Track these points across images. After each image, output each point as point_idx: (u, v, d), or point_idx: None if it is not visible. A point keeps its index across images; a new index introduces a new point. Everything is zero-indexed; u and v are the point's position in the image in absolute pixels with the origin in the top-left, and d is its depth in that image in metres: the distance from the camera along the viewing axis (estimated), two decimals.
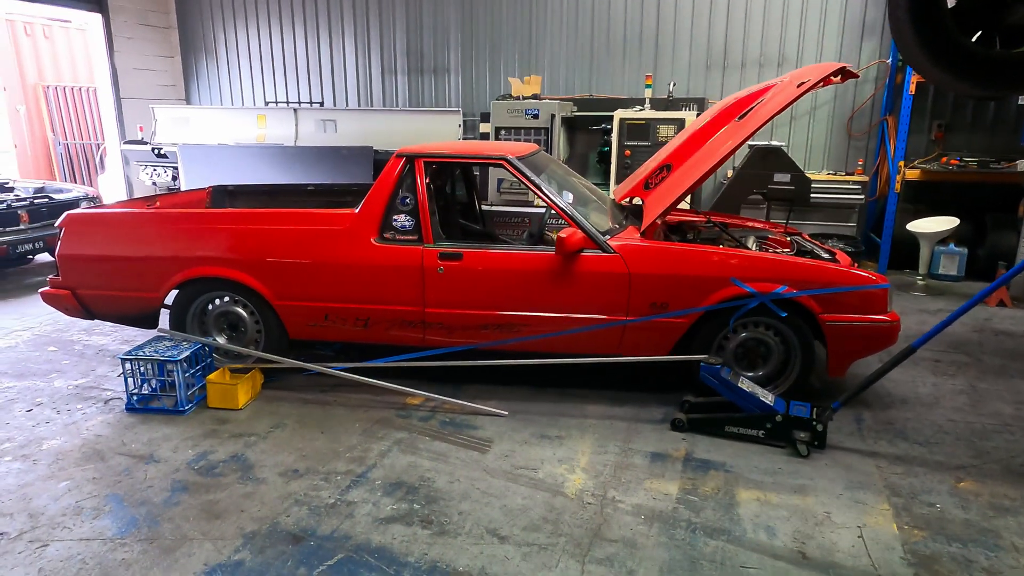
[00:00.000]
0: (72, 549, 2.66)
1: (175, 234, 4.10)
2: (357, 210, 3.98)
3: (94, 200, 7.65)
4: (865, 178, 7.41)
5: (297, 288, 4.03)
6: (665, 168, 4.40)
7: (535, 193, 3.90)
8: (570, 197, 4.03)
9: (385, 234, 3.96)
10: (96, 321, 5.42)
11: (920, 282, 6.55)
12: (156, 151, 8.75)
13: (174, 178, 8.89)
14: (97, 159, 11.16)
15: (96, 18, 9.40)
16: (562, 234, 3.66)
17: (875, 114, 7.70)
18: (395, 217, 3.96)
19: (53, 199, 7.30)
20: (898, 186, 6.85)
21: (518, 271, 3.84)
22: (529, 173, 3.91)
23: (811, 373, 3.86)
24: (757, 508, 2.93)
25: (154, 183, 9.17)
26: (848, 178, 7.38)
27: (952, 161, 7.01)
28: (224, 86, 10.45)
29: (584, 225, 3.79)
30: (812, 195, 6.34)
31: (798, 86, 3.68)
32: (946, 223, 6.36)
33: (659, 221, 3.83)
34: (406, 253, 3.91)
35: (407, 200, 3.96)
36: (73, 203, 7.41)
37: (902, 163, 6.81)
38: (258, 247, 4.01)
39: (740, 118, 4.01)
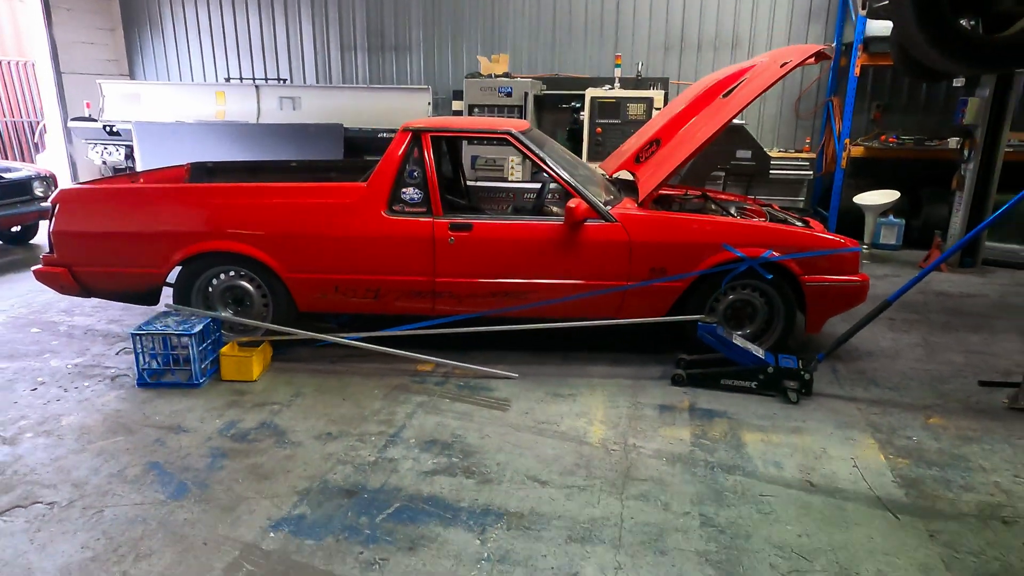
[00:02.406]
0: (130, 512, 2.72)
1: (181, 209, 4.08)
2: (365, 183, 4.08)
3: (47, 179, 7.33)
4: (812, 155, 7.93)
5: (308, 261, 4.09)
6: (655, 143, 4.67)
7: (540, 166, 4.10)
8: (571, 170, 4.23)
9: (394, 207, 4.07)
10: (75, 301, 5.35)
11: (865, 251, 7.12)
12: (108, 128, 8.42)
13: (127, 157, 8.60)
14: (36, 137, 10.58)
15: None
16: (571, 204, 3.87)
17: (820, 95, 8.23)
18: (404, 190, 4.07)
19: (3, 178, 6.96)
20: (844, 162, 7.38)
21: (526, 240, 4.03)
22: (534, 147, 4.10)
23: (792, 330, 4.23)
24: (763, 447, 3.27)
25: (104, 162, 8.83)
26: (797, 155, 7.88)
27: (891, 139, 7.61)
28: (172, 62, 10.09)
29: (588, 196, 4.01)
30: None
31: (781, 66, 4.00)
32: (889, 196, 6.93)
33: (656, 191, 4.09)
34: (417, 225, 4.04)
35: (415, 173, 4.08)
36: (25, 182, 7.11)
37: (848, 141, 7.34)
38: (269, 221, 4.05)
39: (726, 95, 4.31)
